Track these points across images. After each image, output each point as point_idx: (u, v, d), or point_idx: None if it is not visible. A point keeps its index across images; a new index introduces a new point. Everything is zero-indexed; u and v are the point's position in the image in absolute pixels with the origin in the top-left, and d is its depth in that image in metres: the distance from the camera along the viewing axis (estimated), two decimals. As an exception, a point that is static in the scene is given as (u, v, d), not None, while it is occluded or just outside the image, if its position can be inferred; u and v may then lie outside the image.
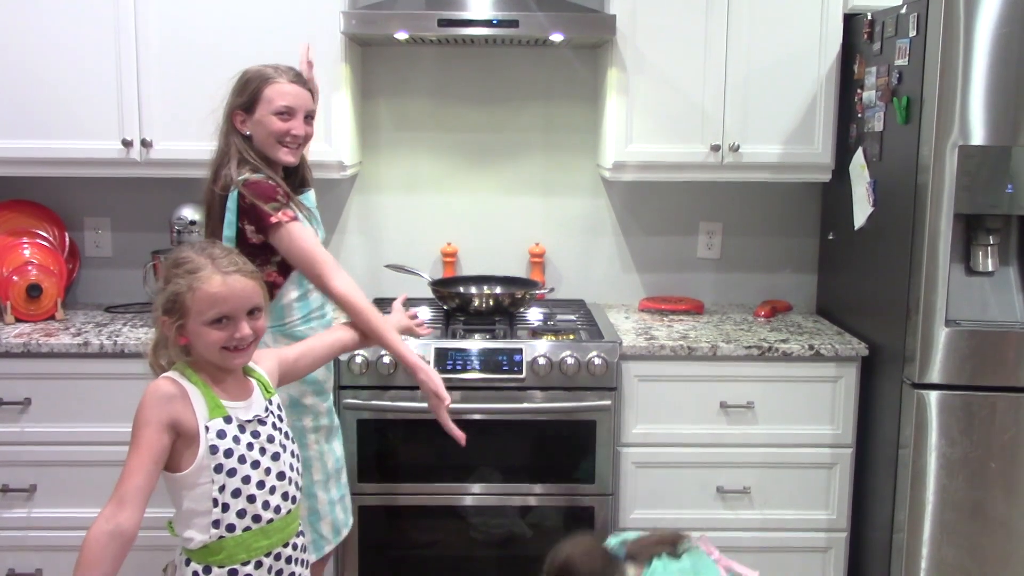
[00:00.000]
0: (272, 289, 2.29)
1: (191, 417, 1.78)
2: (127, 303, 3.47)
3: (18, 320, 3.17)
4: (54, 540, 2.99)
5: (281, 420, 1.93)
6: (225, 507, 1.80)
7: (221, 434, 1.80)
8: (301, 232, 2.28)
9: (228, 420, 1.81)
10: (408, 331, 2.48)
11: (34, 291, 3.18)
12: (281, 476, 1.87)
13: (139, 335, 2.99)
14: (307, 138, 2.43)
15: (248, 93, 2.35)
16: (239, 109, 2.36)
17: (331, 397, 2.59)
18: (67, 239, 3.47)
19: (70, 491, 2.97)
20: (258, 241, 2.30)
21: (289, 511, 1.90)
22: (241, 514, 1.82)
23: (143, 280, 3.31)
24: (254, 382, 1.92)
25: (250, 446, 1.84)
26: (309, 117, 2.43)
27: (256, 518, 1.83)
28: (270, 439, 1.88)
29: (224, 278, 1.79)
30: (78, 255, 3.52)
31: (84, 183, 3.42)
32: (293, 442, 1.93)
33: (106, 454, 2.95)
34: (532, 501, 2.98)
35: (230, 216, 2.30)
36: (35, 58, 3.06)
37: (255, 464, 1.83)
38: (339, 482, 2.58)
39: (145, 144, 3.09)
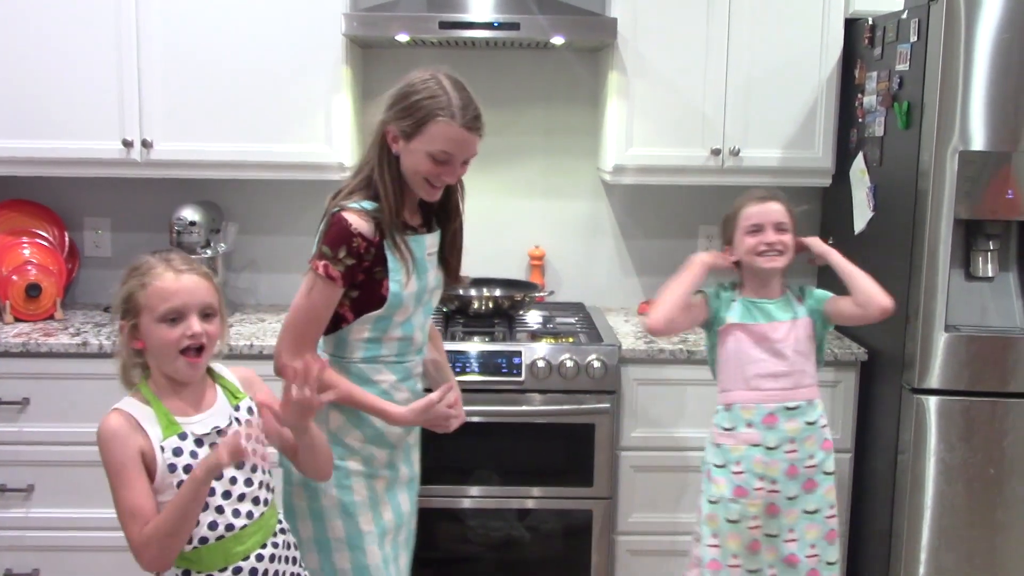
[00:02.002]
0: (339, 322, 2.11)
1: (147, 442, 1.76)
2: (126, 303, 3.47)
3: (17, 320, 3.17)
4: (52, 540, 2.99)
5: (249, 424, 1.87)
6: (203, 509, 1.78)
7: (177, 452, 1.77)
8: (317, 294, 2.04)
9: (183, 437, 1.78)
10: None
11: (33, 291, 3.18)
12: (249, 482, 1.84)
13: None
14: (457, 179, 2.19)
15: (413, 119, 2.05)
16: (396, 128, 2.08)
17: (402, 452, 2.26)
18: (67, 239, 3.47)
19: (68, 491, 2.97)
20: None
21: (262, 513, 1.87)
22: (212, 526, 1.79)
23: (142, 280, 3.31)
24: (219, 389, 1.89)
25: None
26: (465, 162, 2.17)
27: (229, 527, 1.81)
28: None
29: (176, 275, 1.79)
30: (78, 255, 3.52)
31: (84, 183, 3.42)
32: (263, 444, 1.80)
33: (104, 454, 2.95)
34: (530, 504, 2.98)
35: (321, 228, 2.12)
36: (36, 58, 3.06)
37: (218, 476, 1.78)
38: (396, 540, 2.24)
39: (146, 144, 3.09)
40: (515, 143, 3.55)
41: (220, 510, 1.80)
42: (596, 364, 2.90)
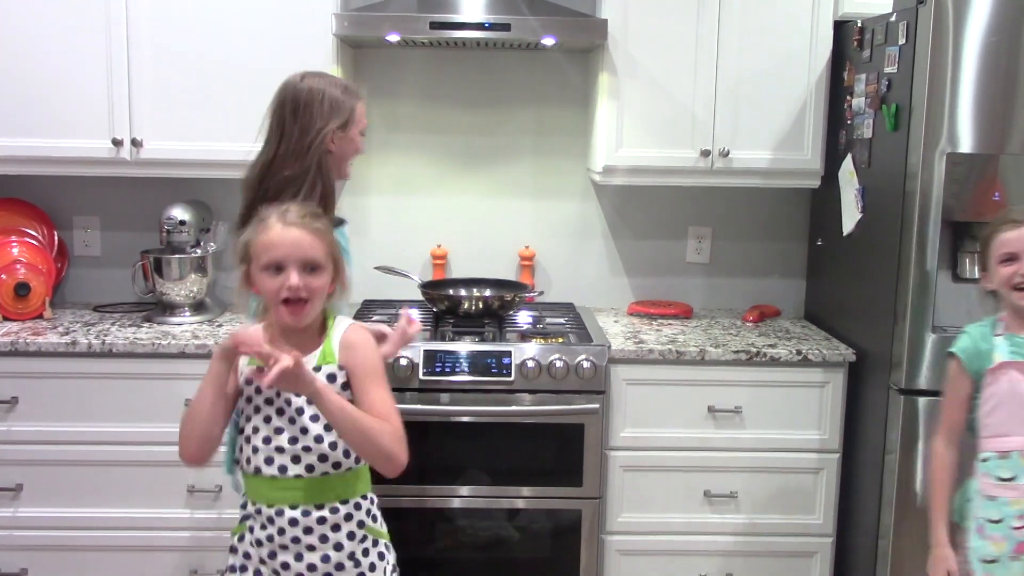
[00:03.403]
0: None
1: (238, 362, 1.91)
2: (115, 302, 3.46)
3: (6, 319, 3.16)
4: (40, 540, 2.98)
5: None
6: (247, 440, 1.92)
7: (248, 380, 1.90)
8: None
9: (260, 370, 1.83)
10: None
11: (22, 290, 3.17)
12: (294, 440, 1.89)
13: (127, 335, 2.99)
14: None
15: (344, 111, 2.31)
16: (334, 127, 2.29)
17: None
18: (56, 238, 3.46)
19: (56, 490, 2.96)
20: None
21: (299, 475, 1.89)
22: (247, 460, 1.92)
23: (132, 280, 3.31)
24: (321, 347, 1.93)
25: (269, 401, 1.90)
26: None
27: (257, 470, 1.90)
28: (287, 402, 1.89)
29: (284, 228, 1.86)
30: (67, 254, 3.51)
31: (74, 182, 3.41)
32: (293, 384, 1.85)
33: (93, 454, 2.95)
34: (520, 504, 2.98)
35: None
36: (25, 56, 3.05)
37: (266, 419, 1.89)
38: None
39: (135, 143, 3.09)
40: (505, 144, 3.55)
41: (255, 449, 1.90)
42: (586, 364, 2.90)
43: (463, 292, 3.37)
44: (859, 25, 3.01)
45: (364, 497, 1.98)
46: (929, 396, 2.74)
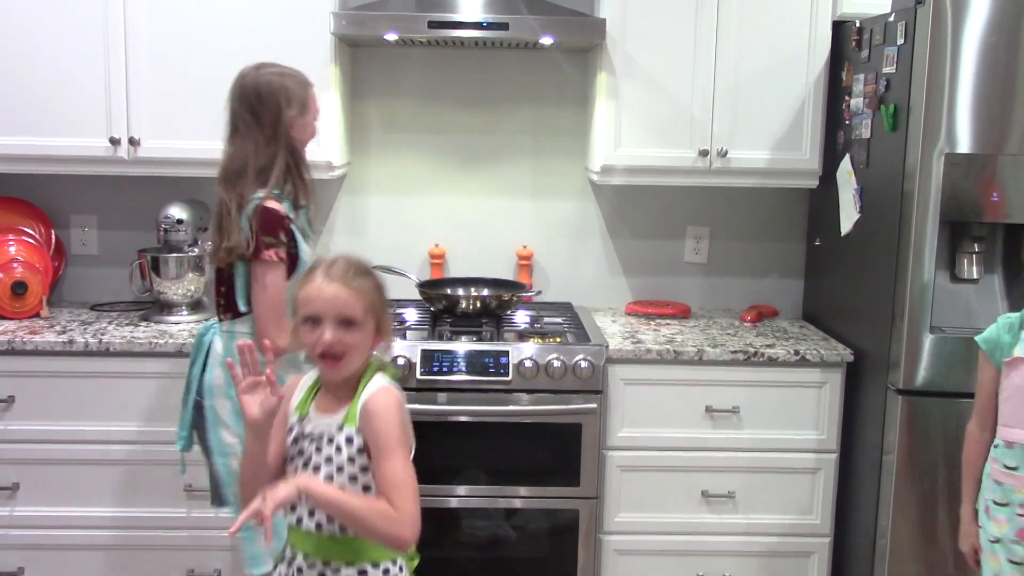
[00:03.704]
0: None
1: (287, 405, 1.96)
2: (113, 301, 3.46)
3: (2, 317, 3.16)
4: (36, 539, 2.98)
5: (338, 451, 1.89)
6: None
7: (290, 428, 1.94)
8: (275, 278, 2.38)
9: (301, 419, 1.92)
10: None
11: (19, 288, 3.17)
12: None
13: (124, 333, 2.98)
14: None
15: (301, 98, 2.46)
16: (294, 114, 2.45)
17: None
18: (53, 236, 3.45)
19: (53, 490, 2.96)
20: None
21: (310, 532, 1.89)
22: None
23: (129, 279, 3.30)
24: (348, 406, 1.92)
25: (300, 452, 1.91)
26: None
27: (287, 514, 1.93)
28: (308, 460, 1.90)
29: (324, 282, 1.86)
30: (64, 253, 3.51)
31: (71, 180, 3.40)
32: (340, 474, 1.88)
33: (90, 453, 2.94)
34: (517, 504, 2.98)
35: (244, 224, 2.39)
36: (23, 55, 3.04)
37: (295, 469, 1.91)
38: None
39: (133, 142, 3.09)
40: (503, 143, 3.55)
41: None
42: (583, 364, 2.90)
43: (460, 291, 3.37)
44: (857, 25, 3.01)
45: (375, 566, 1.93)
46: (927, 396, 2.74)
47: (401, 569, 1.98)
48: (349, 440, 1.88)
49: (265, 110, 2.42)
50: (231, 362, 1.91)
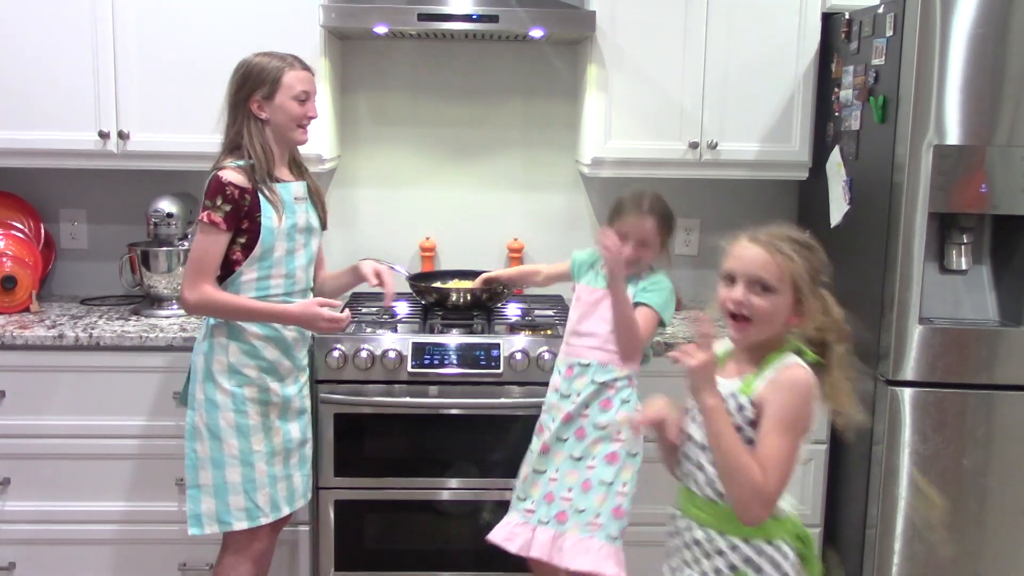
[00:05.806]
0: (232, 265, 2.51)
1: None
2: (103, 295, 3.45)
3: (-8, 312, 3.15)
4: (28, 534, 2.97)
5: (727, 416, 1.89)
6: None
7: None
8: (203, 238, 2.46)
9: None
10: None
11: (8, 283, 3.16)
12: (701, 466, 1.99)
13: (114, 328, 2.98)
14: (316, 114, 2.64)
15: (269, 81, 2.50)
16: (259, 97, 2.50)
17: (294, 384, 2.63)
18: (42, 231, 3.44)
19: (44, 484, 2.96)
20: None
21: (710, 501, 1.96)
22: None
23: (119, 273, 3.29)
24: (747, 376, 1.95)
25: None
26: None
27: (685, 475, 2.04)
28: (694, 416, 2.00)
29: (747, 243, 1.94)
30: (53, 247, 3.50)
31: (60, 174, 3.39)
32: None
33: (81, 447, 2.94)
34: (509, 496, 2.98)
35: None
36: (11, 48, 3.03)
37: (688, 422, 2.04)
38: (288, 462, 2.62)
39: (122, 136, 3.08)
40: (494, 136, 3.55)
41: (686, 455, 2.01)
42: (574, 356, 2.90)
43: (452, 285, 3.37)
44: (847, 17, 3.02)
45: (746, 541, 1.90)
46: (915, 387, 2.75)
47: (769, 558, 1.94)
48: (740, 408, 1.87)
49: (237, 89, 2.52)
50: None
